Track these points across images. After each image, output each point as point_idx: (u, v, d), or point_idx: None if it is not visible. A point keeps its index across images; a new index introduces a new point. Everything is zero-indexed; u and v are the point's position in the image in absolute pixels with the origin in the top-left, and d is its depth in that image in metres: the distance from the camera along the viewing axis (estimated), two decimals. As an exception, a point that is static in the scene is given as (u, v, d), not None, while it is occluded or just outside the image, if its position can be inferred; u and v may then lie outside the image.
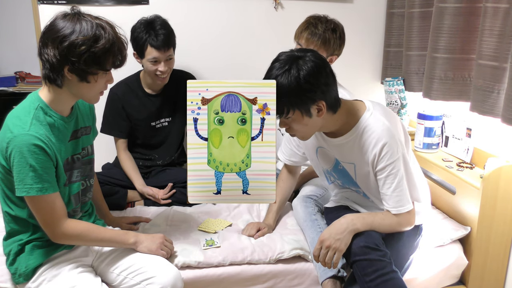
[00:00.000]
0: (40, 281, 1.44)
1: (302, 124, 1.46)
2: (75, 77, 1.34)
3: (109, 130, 2.21)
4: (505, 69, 1.77)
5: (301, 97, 1.40)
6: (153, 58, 2.02)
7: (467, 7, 1.99)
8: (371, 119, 1.52)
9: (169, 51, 2.05)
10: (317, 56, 1.44)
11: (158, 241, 1.54)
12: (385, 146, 1.48)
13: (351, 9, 2.64)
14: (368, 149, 1.51)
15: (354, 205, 1.74)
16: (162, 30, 2.01)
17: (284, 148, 1.87)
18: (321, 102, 1.43)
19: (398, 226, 1.56)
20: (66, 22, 1.31)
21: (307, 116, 1.44)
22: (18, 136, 1.30)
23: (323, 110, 1.44)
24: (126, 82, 2.21)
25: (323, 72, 1.42)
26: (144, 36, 2.00)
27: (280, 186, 1.91)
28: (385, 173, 1.51)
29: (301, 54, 1.43)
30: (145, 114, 2.21)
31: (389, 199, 1.52)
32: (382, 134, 1.48)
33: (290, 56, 1.43)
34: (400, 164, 1.50)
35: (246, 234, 1.82)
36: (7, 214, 1.46)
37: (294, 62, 1.40)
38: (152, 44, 2.00)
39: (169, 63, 2.08)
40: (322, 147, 1.66)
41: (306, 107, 1.42)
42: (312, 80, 1.39)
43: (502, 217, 1.83)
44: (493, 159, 1.84)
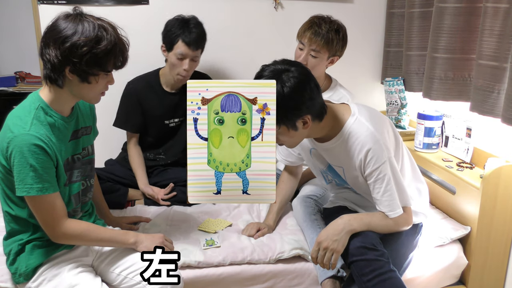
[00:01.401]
0: (40, 281, 1.44)
1: (289, 136, 1.48)
2: (76, 78, 1.34)
3: (122, 124, 2.21)
4: (505, 69, 1.77)
5: (286, 114, 1.41)
6: (180, 53, 2.04)
7: (467, 7, 1.99)
8: (355, 124, 1.52)
9: (197, 52, 2.08)
10: (301, 71, 1.43)
11: (158, 241, 1.54)
12: (369, 152, 1.48)
13: (351, 9, 2.64)
14: (354, 154, 1.51)
15: (352, 205, 1.74)
16: (196, 29, 2.05)
17: (281, 149, 1.87)
18: (307, 116, 1.44)
19: (395, 226, 1.56)
20: (68, 23, 1.31)
21: (293, 129, 1.45)
22: (18, 136, 1.30)
23: (308, 123, 1.45)
24: (145, 77, 2.21)
25: (307, 88, 1.42)
26: (178, 30, 2.03)
27: (280, 188, 1.92)
28: (373, 178, 1.51)
29: (284, 67, 1.42)
30: (161, 111, 2.20)
31: (380, 204, 1.53)
32: (365, 140, 1.48)
33: (273, 71, 1.42)
34: (387, 168, 1.49)
35: (246, 234, 1.82)
36: (7, 214, 1.46)
37: (279, 79, 1.39)
38: (183, 40, 2.02)
39: (193, 64, 2.10)
40: (314, 148, 1.67)
41: (291, 122, 1.43)
42: (297, 97, 1.40)
43: (502, 217, 1.83)
44: (493, 159, 1.84)
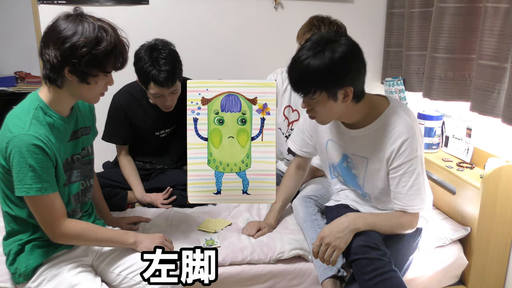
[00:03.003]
0: (40, 281, 1.44)
1: (326, 107, 1.44)
2: (75, 78, 1.34)
3: (110, 138, 2.17)
4: (505, 69, 1.77)
5: (331, 79, 1.39)
6: (155, 93, 1.97)
7: (467, 7, 1.99)
8: (393, 114, 1.50)
9: (174, 86, 1.96)
10: (351, 42, 1.43)
11: (157, 241, 1.54)
12: (406, 142, 1.46)
13: (351, 9, 2.64)
14: (387, 143, 1.49)
15: (354, 203, 1.74)
16: (166, 65, 1.89)
17: (295, 138, 1.84)
18: (349, 87, 1.41)
19: (399, 228, 1.56)
20: (68, 23, 1.31)
21: (332, 99, 1.42)
22: (17, 136, 1.30)
23: (349, 96, 1.42)
24: (130, 90, 2.15)
25: (356, 59, 1.42)
26: (148, 68, 1.89)
27: (285, 183, 1.89)
28: (401, 171, 1.49)
29: (335, 37, 1.42)
30: (149, 124, 2.16)
31: (404, 198, 1.51)
32: (403, 130, 1.47)
33: (323, 38, 1.41)
34: (418, 163, 1.49)
35: (246, 234, 1.82)
36: (7, 214, 1.45)
37: (328, 44, 1.38)
38: (155, 81, 1.90)
39: (174, 96, 2.02)
40: (332, 140, 1.65)
41: (333, 90, 1.41)
42: (345, 63, 1.38)
43: (502, 217, 1.83)
44: (493, 159, 1.84)
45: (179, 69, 1.98)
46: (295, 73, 1.41)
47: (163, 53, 1.91)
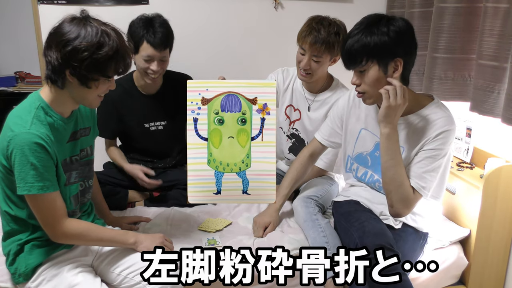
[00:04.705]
0: (40, 281, 1.44)
1: (376, 80, 1.48)
2: (76, 81, 1.34)
3: (101, 132, 2.16)
4: (505, 69, 1.77)
5: (385, 48, 1.44)
6: (147, 55, 1.96)
7: (467, 7, 1.99)
8: (440, 108, 1.55)
9: (165, 52, 1.98)
10: (408, 22, 1.51)
11: (158, 241, 1.54)
12: (444, 133, 1.49)
13: (351, 9, 2.64)
14: (425, 132, 1.52)
15: (365, 201, 1.74)
16: (161, 28, 1.95)
17: (324, 129, 1.87)
18: (399, 60, 1.46)
19: (396, 190, 1.51)
20: (72, 26, 1.31)
21: (382, 71, 1.47)
22: (19, 135, 1.30)
23: (399, 69, 1.47)
24: (120, 82, 2.10)
25: (411, 34, 1.49)
26: (142, 31, 1.93)
27: (295, 167, 1.89)
28: (427, 154, 1.51)
29: (390, 16, 1.51)
30: (137, 114, 2.14)
31: (416, 177, 1.51)
32: (446, 122, 1.50)
33: (379, 16, 1.50)
34: (445, 157, 1.51)
35: (255, 236, 1.82)
36: (6, 214, 1.45)
37: (384, 20, 1.46)
38: (148, 41, 1.93)
39: (163, 64, 2.01)
40: (366, 129, 1.67)
41: (385, 61, 1.46)
42: (399, 35, 1.45)
43: (502, 217, 1.83)
44: (493, 159, 1.84)
45: (171, 37, 2.03)
46: (347, 45, 1.48)
47: (158, 20, 1.99)
